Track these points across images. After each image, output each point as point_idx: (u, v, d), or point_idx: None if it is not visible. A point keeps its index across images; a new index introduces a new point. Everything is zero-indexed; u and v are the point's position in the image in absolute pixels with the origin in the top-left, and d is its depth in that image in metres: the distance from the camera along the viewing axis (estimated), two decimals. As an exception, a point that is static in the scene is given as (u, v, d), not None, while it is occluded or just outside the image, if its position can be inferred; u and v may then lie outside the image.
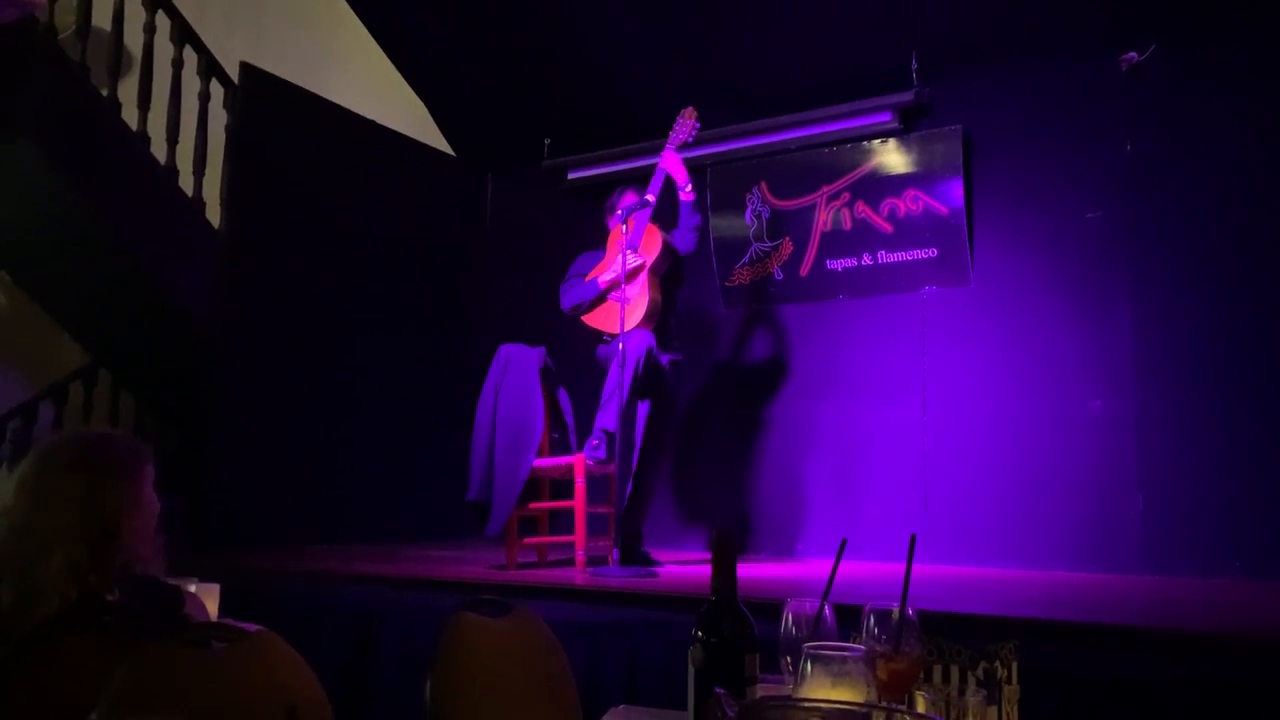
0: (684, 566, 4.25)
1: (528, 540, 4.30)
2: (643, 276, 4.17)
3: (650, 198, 4.22)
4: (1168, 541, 4.29)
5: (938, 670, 1.51)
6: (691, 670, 1.19)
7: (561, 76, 5.90)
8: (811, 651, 1.08)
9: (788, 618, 1.40)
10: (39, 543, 1.76)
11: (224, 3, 6.44)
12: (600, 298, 4.33)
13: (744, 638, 1.20)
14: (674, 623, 2.92)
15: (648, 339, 4.07)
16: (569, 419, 4.34)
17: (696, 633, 1.20)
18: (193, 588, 2.23)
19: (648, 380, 4.06)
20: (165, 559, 1.95)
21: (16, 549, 1.76)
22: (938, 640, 1.52)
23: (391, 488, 5.61)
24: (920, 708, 1.20)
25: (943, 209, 4.90)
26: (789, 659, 1.36)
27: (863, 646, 1.17)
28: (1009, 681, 1.51)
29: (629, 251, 4.18)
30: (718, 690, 0.85)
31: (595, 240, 4.49)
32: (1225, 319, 4.34)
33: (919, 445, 4.89)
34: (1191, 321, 4.40)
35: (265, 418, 5.15)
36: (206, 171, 5.52)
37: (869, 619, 1.34)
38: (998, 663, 1.50)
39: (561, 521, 4.49)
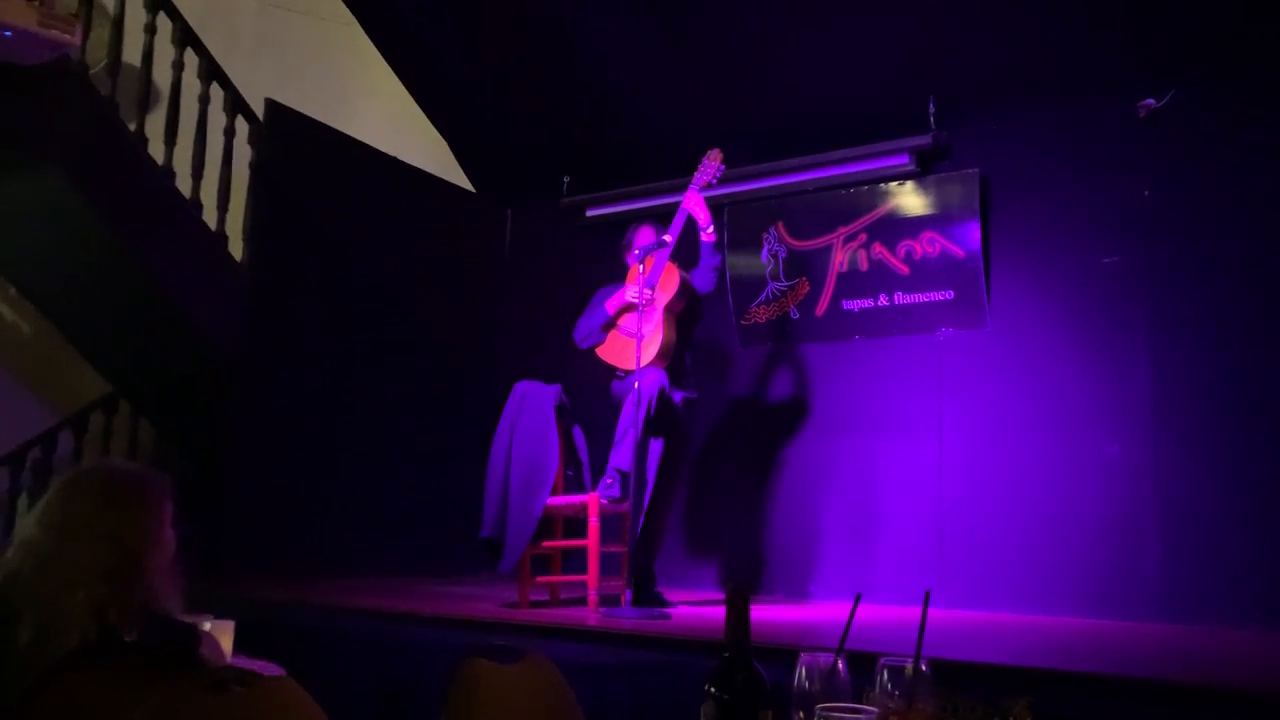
0: (697, 607, 4.24)
1: (540, 579, 4.29)
2: (658, 314, 4.19)
3: (668, 238, 4.23)
4: (1186, 589, 4.25)
5: (951, 726, 1.50)
6: (704, 726, 1.19)
7: (581, 115, 5.96)
8: (824, 713, 1.08)
9: (801, 671, 1.40)
10: (64, 578, 1.74)
11: (250, 40, 6.55)
12: (610, 324, 4.35)
13: (757, 694, 1.20)
14: (686, 665, 2.91)
15: (660, 378, 4.08)
16: (584, 457, 4.34)
17: (709, 688, 1.20)
18: (207, 625, 2.24)
19: (660, 418, 4.07)
20: (182, 595, 1.95)
21: (40, 583, 1.74)
22: (951, 695, 1.51)
23: (406, 521, 5.62)
24: (933, 767, 1.20)
25: (960, 251, 4.91)
26: (802, 714, 1.36)
27: (875, 709, 1.17)
28: (1022, 739, 1.50)
29: (644, 289, 4.20)
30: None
31: (612, 277, 4.51)
32: (1244, 364, 4.32)
33: (934, 488, 4.87)
34: (1210, 366, 4.38)
35: (283, 449, 5.18)
36: (230, 206, 5.59)
37: (882, 674, 1.34)
38: (1011, 719, 1.50)
39: (574, 560, 4.49)
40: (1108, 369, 4.61)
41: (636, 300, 4.18)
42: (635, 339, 4.11)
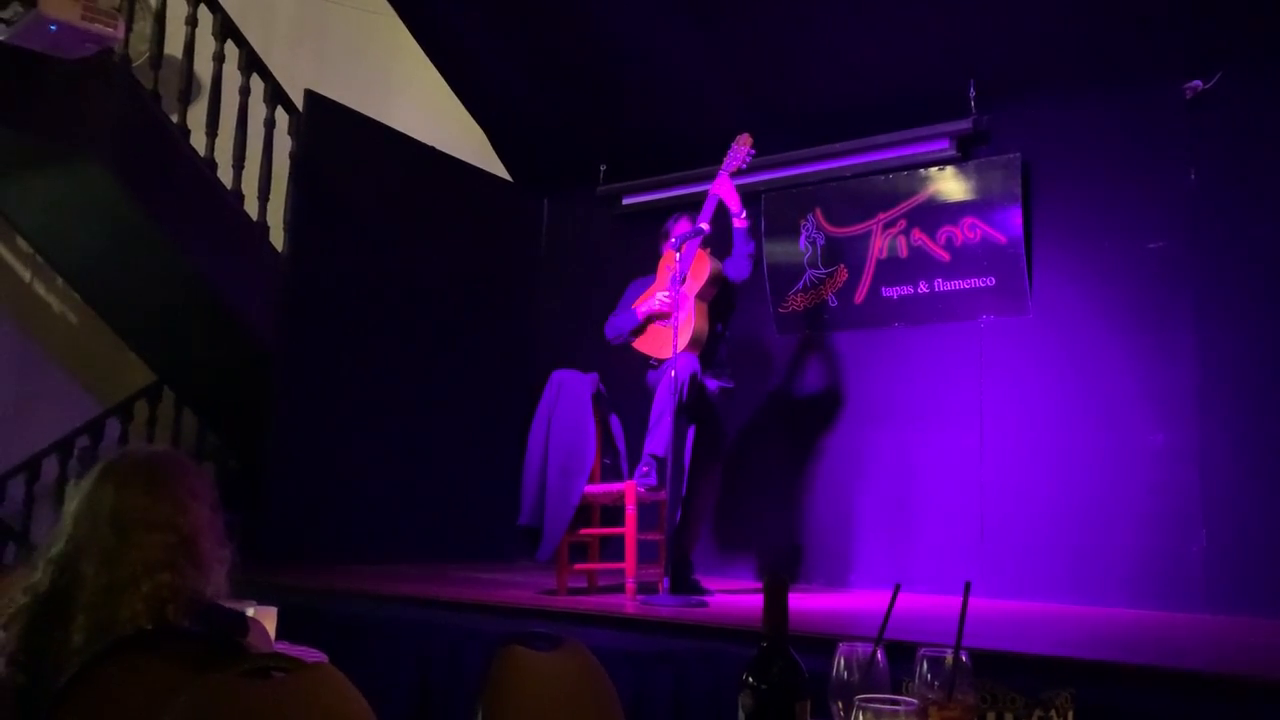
0: (734, 596, 4.24)
1: (578, 566, 4.31)
2: (690, 303, 4.18)
3: (704, 225, 4.22)
4: (1231, 580, 4.18)
5: (991, 717, 1.49)
6: (742, 716, 1.19)
7: (618, 103, 5.95)
8: (864, 704, 1.07)
9: (839, 661, 1.39)
10: (129, 574, 1.69)
11: (290, 31, 6.61)
12: (640, 329, 4.36)
13: (795, 684, 1.19)
14: (724, 654, 2.91)
15: (693, 364, 4.07)
16: (621, 445, 4.35)
17: (747, 678, 1.20)
18: (251, 611, 2.27)
19: (694, 406, 4.06)
20: (229, 582, 1.93)
21: (104, 583, 1.68)
22: (991, 686, 1.50)
23: (444, 509, 5.66)
24: (973, 759, 1.19)
25: (1001, 237, 4.85)
26: (840, 704, 1.36)
27: (915, 700, 1.16)
28: (1064, 731, 1.49)
29: (664, 290, 4.21)
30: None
31: (649, 265, 4.52)
32: (1292, 351, 4.24)
33: (976, 476, 4.83)
34: (1256, 352, 4.30)
35: (322, 438, 5.24)
36: (271, 196, 5.65)
37: (922, 664, 1.33)
38: (1053, 711, 1.49)
39: (612, 548, 4.50)
40: (1152, 356, 4.54)
41: (666, 307, 4.18)
42: (670, 328, 4.11)
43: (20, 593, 1.74)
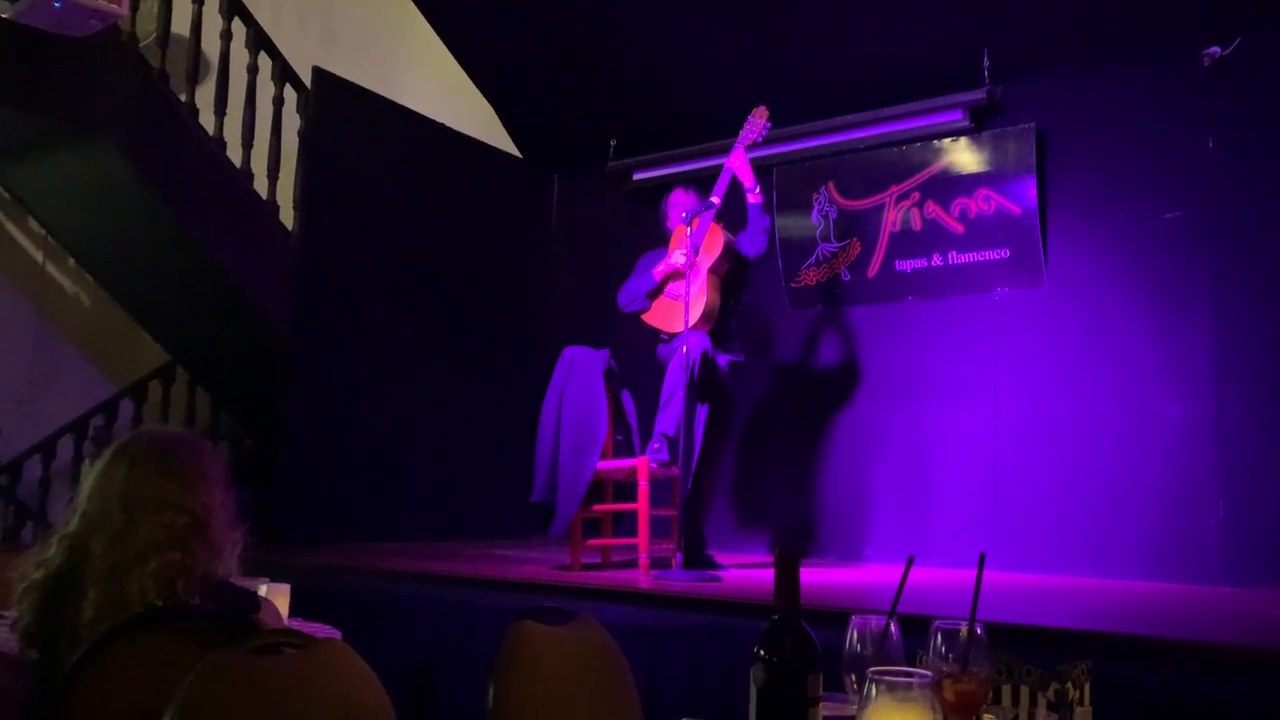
0: (748, 570, 4.23)
1: (591, 541, 4.31)
2: (702, 277, 4.15)
3: (715, 199, 4.19)
4: (1249, 552, 4.15)
5: (1007, 691, 1.48)
6: (753, 689, 1.18)
7: (627, 78, 5.90)
8: (877, 676, 1.06)
9: (852, 633, 1.38)
10: (137, 551, 1.71)
11: (297, 9, 6.57)
12: (657, 290, 4.33)
13: (807, 658, 1.18)
14: (737, 628, 2.91)
15: (704, 341, 4.05)
16: (633, 421, 4.34)
17: (759, 651, 1.18)
18: (264, 589, 2.28)
19: (705, 382, 4.05)
20: (240, 558, 1.94)
21: (113, 560, 1.71)
22: (1007, 659, 1.49)
23: (457, 486, 5.67)
24: (988, 731, 1.17)
25: (1015, 209, 4.80)
26: (853, 677, 1.34)
27: (929, 672, 1.15)
28: (1081, 704, 1.47)
29: (684, 252, 4.18)
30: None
31: (660, 240, 4.49)
32: (1312, 322, 4.19)
33: (990, 450, 4.80)
34: (1275, 323, 4.25)
35: (335, 416, 5.24)
36: (280, 175, 5.64)
37: (936, 637, 1.31)
38: (1069, 684, 1.47)
39: (625, 523, 4.50)
40: (1168, 328, 4.49)
41: (682, 266, 4.15)
42: (680, 302, 4.09)
43: (34, 568, 1.76)
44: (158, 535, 1.74)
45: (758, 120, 4.30)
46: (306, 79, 5.47)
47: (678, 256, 4.23)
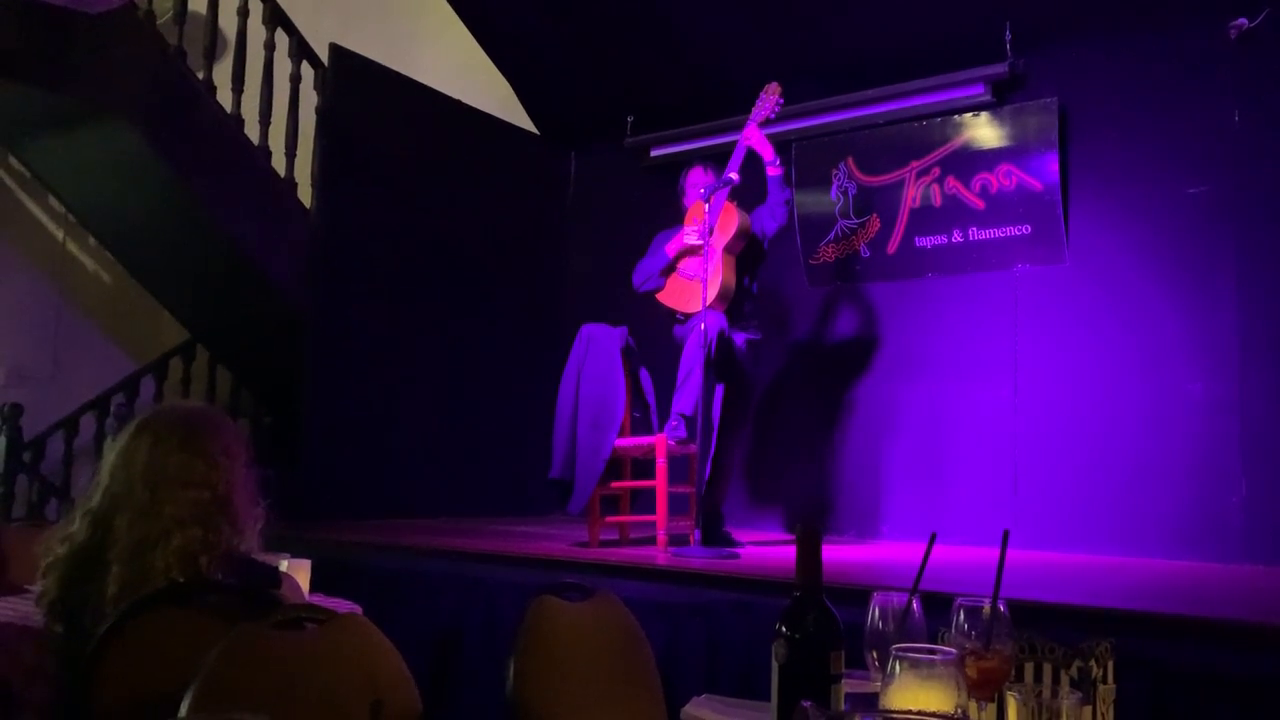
0: (766, 548, 4.24)
1: (610, 518, 4.32)
2: (717, 256, 4.13)
3: (733, 175, 4.15)
4: (1272, 530, 4.12)
5: (1029, 668, 1.47)
6: (775, 666, 1.17)
7: (645, 53, 5.86)
8: (900, 653, 1.05)
9: (874, 610, 1.37)
10: (160, 528, 1.73)
11: (314, -15, 6.54)
12: (669, 268, 4.32)
13: (829, 635, 1.17)
14: (756, 605, 2.91)
15: (720, 320, 4.04)
16: (650, 399, 4.34)
17: (781, 628, 1.18)
18: (284, 564, 2.29)
19: (721, 361, 4.04)
20: (261, 534, 1.95)
21: (137, 536, 1.73)
22: (1029, 637, 1.48)
23: (477, 463, 5.69)
24: (1011, 708, 1.16)
25: (1037, 184, 4.76)
26: (875, 653, 1.34)
27: (953, 650, 1.14)
28: (1104, 681, 1.46)
29: (694, 231, 4.16)
30: (804, 704, 0.83)
31: (677, 218, 4.47)
32: (1338, 298, 4.13)
33: (1010, 428, 4.78)
34: (1302, 301, 4.20)
35: (355, 393, 5.26)
36: (298, 152, 5.63)
37: (959, 614, 1.31)
38: (1092, 661, 1.46)
39: (643, 501, 4.51)
40: (1192, 304, 4.44)
41: (696, 242, 4.14)
42: (697, 281, 4.07)
43: (59, 543, 1.78)
44: (181, 511, 1.75)
45: (770, 97, 4.26)
46: (324, 56, 5.45)
47: (690, 234, 4.21)
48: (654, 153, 6.05)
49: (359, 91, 5.45)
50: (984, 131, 4.92)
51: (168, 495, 1.76)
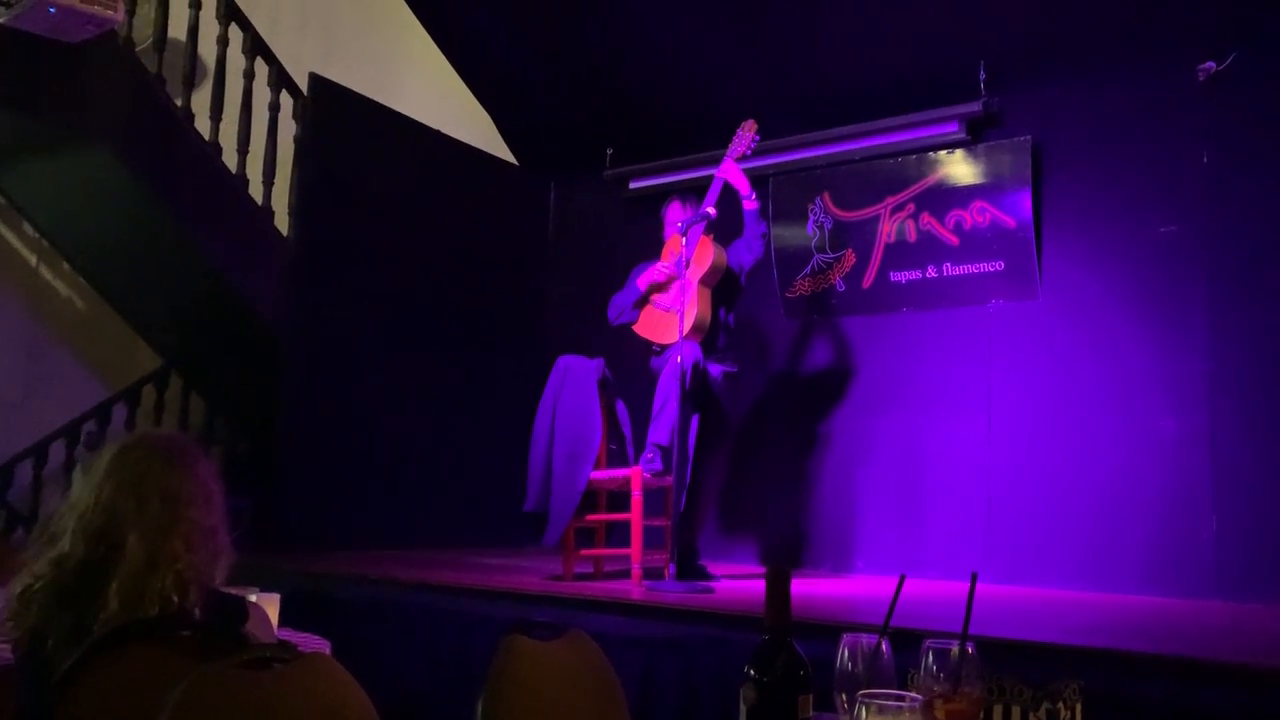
0: (740, 581, 4.23)
1: (584, 551, 4.30)
2: (693, 289, 4.15)
3: (710, 210, 4.18)
4: (1242, 566, 4.15)
5: (998, 711, 1.47)
6: (744, 709, 1.17)
7: (624, 86, 5.90)
8: (866, 699, 1.05)
9: (844, 652, 1.37)
10: (170, 549, 1.72)
11: (295, 15, 6.57)
12: (641, 301, 4.34)
13: (798, 678, 1.17)
14: (730, 640, 2.90)
15: (695, 352, 4.05)
16: (627, 431, 4.33)
17: (749, 671, 1.18)
18: (253, 597, 2.26)
19: (697, 393, 4.05)
20: (226, 567, 1.93)
21: (150, 553, 1.71)
22: (999, 678, 1.48)
23: (451, 495, 5.66)
24: (979, 752, 1.17)
25: (1010, 221, 4.81)
26: (844, 696, 1.34)
27: (920, 695, 1.14)
28: (1072, 723, 1.47)
29: (666, 266, 4.20)
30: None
31: (656, 249, 4.49)
32: (1306, 336, 4.19)
33: (983, 462, 4.80)
34: (1269, 337, 4.25)
35: (330, 423, 5.23)
36: (276, 180, 5.63)
37: (928, 656, 1.31)
38: (1060, 704, 1.46)
39: (618, 533, 4.49)
40: (1163, 341, 4.50)
41: (665, 277, 4.17)
42: (673, 312, 4.09)
43: (47, 565, 1.73)
44: (190, 534, 1.75)
45: (746, 133, 4.31)
46: (303, 84, 5.47)
47: (663, 268, 4.25)
48: (633, 184, 6.09)
49: (338, 121, 5.46)
50: (958, 169, 4.98)
51: (182, 515, 1.76)
